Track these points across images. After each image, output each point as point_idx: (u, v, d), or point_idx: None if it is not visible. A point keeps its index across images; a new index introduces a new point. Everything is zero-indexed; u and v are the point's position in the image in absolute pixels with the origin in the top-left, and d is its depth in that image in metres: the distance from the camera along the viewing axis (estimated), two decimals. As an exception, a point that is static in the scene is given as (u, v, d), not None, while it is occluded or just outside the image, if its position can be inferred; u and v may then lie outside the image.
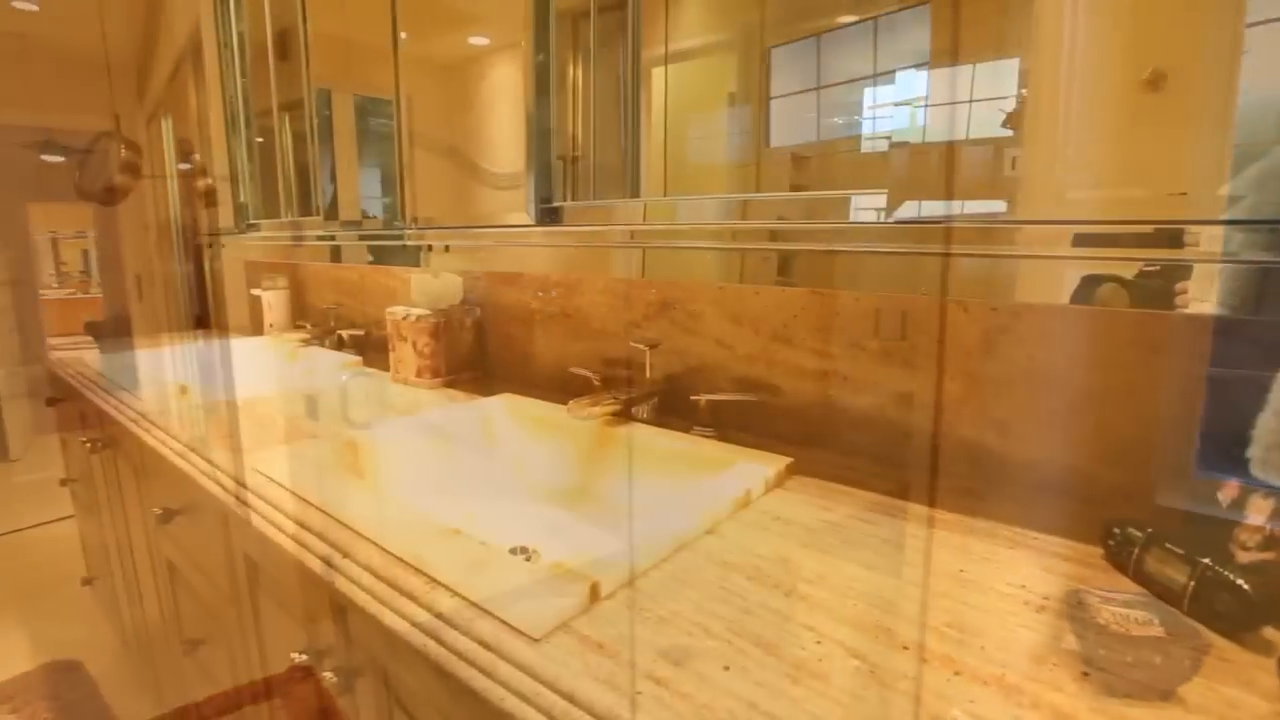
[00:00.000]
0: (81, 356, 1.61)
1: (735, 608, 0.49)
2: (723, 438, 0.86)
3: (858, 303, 0.79)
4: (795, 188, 0.74)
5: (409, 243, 1.17)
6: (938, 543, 0.59)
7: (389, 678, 0.62)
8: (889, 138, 0.64)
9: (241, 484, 0.77)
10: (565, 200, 0.95)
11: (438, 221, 1.15)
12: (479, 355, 1.27)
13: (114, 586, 1.65)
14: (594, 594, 0.50)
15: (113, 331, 2.75)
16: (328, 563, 0.60)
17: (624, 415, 0.91)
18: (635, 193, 0.88)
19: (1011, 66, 0.54)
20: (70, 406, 1.67)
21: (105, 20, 2.61)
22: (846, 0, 0.66)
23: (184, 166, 2.32)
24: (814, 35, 0.70)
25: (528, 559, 0.78)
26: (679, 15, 0.82)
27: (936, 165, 0.60)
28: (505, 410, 1.02)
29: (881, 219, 0.64)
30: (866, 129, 0.67)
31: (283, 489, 0.72)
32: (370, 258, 1.31)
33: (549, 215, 0.95)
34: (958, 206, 0.58)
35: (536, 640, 0.45)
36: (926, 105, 0.60)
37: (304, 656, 0.68)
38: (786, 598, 0.50)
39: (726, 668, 0.42)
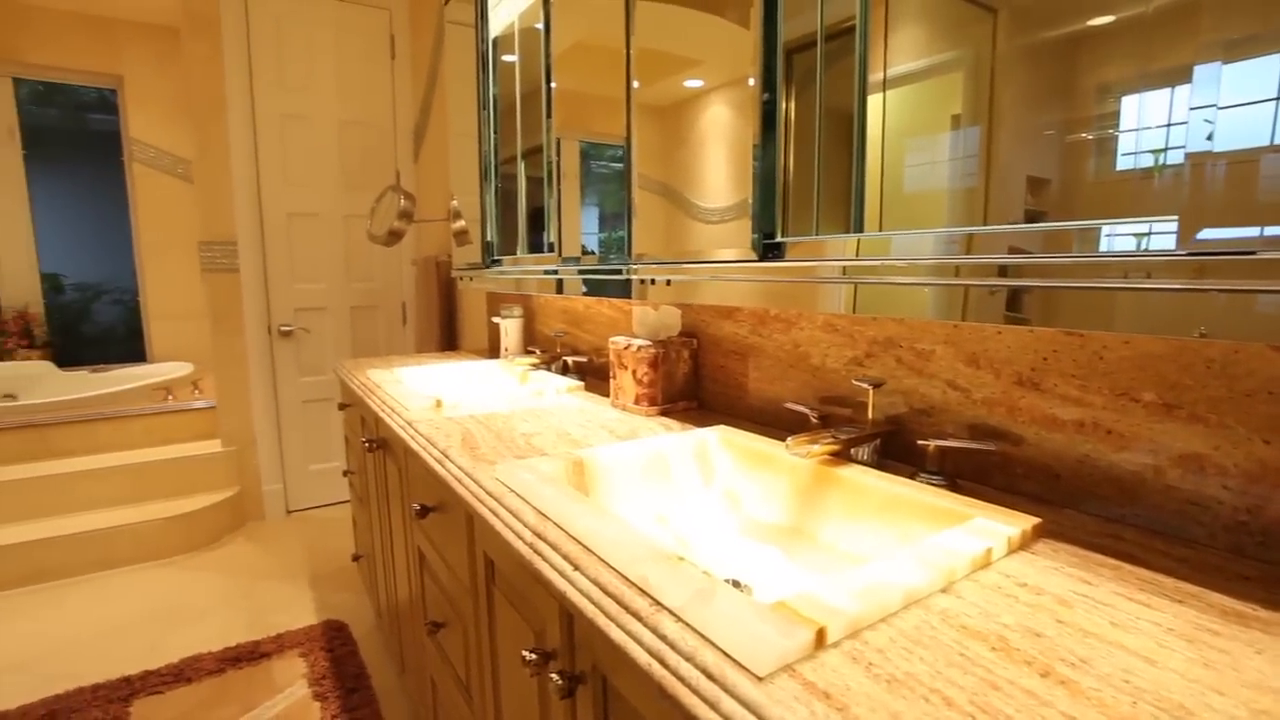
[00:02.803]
0: (363, 368, 1.94)
1: (979, 680, 0.44)
2: (954, 488, 0.79)
3: (1128, 345, 0.69)
4: (1031, 214, 0.67)
5: (633, 277, 1.25)
6: (1252, 645, 0.48)
7: (609, 690, 0.65)
8: (1157, 151, 0.56)
9: (486, 490, 0.87)
10: (780, 235, 0.95)
11: (651, 255, 1.21)
12: (694, 386, 1.31)
13: (374, 566, 1.94)
14: (820, 640, 0.48)
15: (385, 349, 3.28)
16: (560, 572, 0.66)
17: (843, 455, 0.88)
18: (859, 226, 0.86)
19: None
20: (354, 411, 2.01)
21: (395, 94, 3.17)
22: None
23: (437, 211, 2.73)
24: (1059, 41, 0.63)
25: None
26: (898, 40, 0.79)
27: (1232, 182, 0.50)
28: (720, 441, 1.03)
29: (1142, 247, 0.56)
30: (1126, 144, 0.59)
31: (520, 499, 0.80)
32: (584, 289, 1.42)
33: (771, 250, 0.96)
34: (1256, 231, 0.49)
35: (760, 679, 0.45)
36: (1217, 107, 0.51)
37: (533, 655, 0.74)
38: (1043, 679, 0.44)
39: (973, 747, 0.38)
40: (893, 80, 0.80)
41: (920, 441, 0.83)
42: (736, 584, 0.80)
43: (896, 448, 0.93)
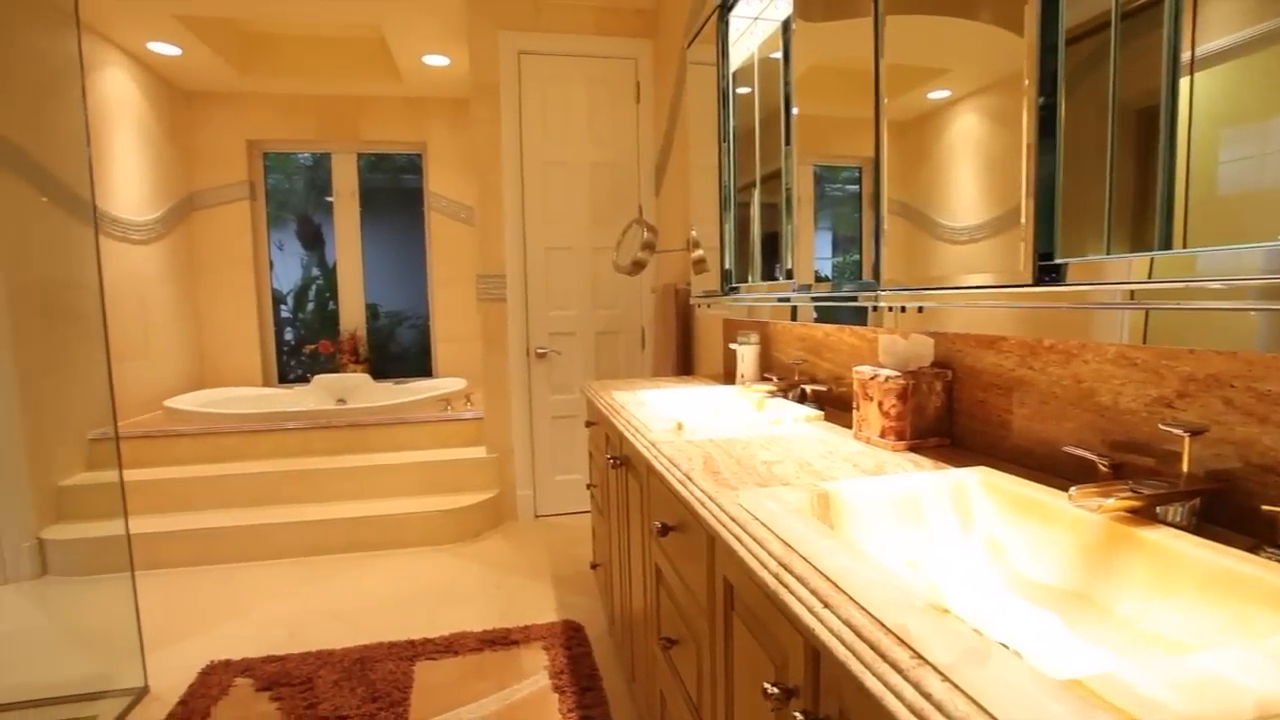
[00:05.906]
0: (609, 389, 2.10)
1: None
2: (1318, 570, 0.62)
3: None
4: None
5: (870, 304, 1.19)
6: None
7: (858, 740, 0.62)
8: None
9: (729, 515, 0.88)
10: (1058, 255, 0.84)
11: (892, 280, 1.14)
12: (947, 421, 1.20)
13: (611, 575, 2.07)
14: (1133, 735, 0.41)
15: (624, 372, 3.52)
16: (807, 608, 0.64)
17: (1146, 513, 0.74)
18: (1165, 239, 0.72)
19: None
20: (599, 429, 2.19)
21: (639, 135, 3.43)
22: None
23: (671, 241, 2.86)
24: None
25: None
26: (1211, 9, 0.66)
27: None
28: (981, 484, 0.93)
29: None
30: None
31: (764, 527, 0.80)
32: (815, 316, 1.38)
33: (1049, 272, 0.85)
34: None
35: (1055, 766, 0.39)
36: None
37: (775, 689, 0.73)
38: None
39: None
40: (1204, 59, 0.67)
41: (1266, 507, 0.66)
42: (1005, 648, 0.71)
43: (1225, 511, 0.76)
